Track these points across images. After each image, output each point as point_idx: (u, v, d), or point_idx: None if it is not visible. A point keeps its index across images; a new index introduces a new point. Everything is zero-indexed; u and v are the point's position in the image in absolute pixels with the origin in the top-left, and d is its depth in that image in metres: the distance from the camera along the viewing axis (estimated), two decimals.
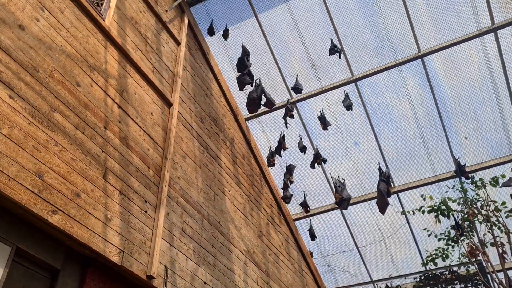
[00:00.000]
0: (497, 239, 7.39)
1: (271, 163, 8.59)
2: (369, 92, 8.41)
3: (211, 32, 7.89)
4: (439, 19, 7.64)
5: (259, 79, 7.60)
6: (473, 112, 8.23)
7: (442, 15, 7.58)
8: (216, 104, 7.71)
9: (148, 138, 5.33)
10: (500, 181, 8.33)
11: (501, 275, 7.76)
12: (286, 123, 7.98)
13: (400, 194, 9.23)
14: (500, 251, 7.21)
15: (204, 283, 5.56)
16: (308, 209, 8.90)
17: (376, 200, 7.85)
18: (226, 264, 6.27)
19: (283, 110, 8.20)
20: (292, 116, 7.93)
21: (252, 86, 7.50)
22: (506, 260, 7.27)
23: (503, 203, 8.23)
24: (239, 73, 7.50)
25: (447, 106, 8.22)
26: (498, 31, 7.52)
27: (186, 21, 7.37)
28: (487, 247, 8.02)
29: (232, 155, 7.74)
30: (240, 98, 8.51)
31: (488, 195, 7.84)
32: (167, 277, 4.78)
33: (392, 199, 9.00)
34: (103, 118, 4.61)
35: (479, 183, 8.36)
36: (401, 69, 8.09)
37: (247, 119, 8.82)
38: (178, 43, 6.89)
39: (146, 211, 4.85)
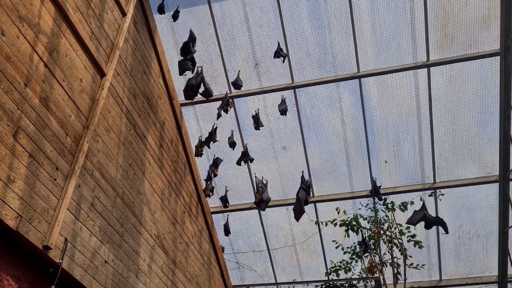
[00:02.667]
0: (395, 259, 7.87)
1: (199, 153, 8.54)
2: (305, 101, 8.63)
3: (161, 10, 7.70)
4: (381, 46, 8.00)
5: (201, 67, 7.52)
6: (396, 139, 8.70)
7: (385, 43, 7.95)
8: (153, 83, 7.54)
9: (72, 104, 5.10)
10: (409, 207, 8.90)
11: None
12: (219, 116, 7.98)
13: (317, 204, 9.55)
14: (395, 271, 7.70)
15: (105, 262, 5.41)
16: (227, 204, 8.95)
17: (293, 206, 8.07)
18: (132, 246, 6.15)
19: (220, 102, 8.19)
20: (226, 111, 7.93)
21: (193, 73, 7.42)
22: (399, 281, 7.76)
23: (408, 227, 8.79)
24: (182, 57, 7.38)
25: (374, 129, 8.63)
26: (431, 68, 8.01)
27: None
28: (386, 266, 8.53)
29: (160, 137, 7.60)
30: (179, 83, 8.38)
31: (394, 218, 8.32)
32: (65, 250, 4.60)
33: (309, 208, 9.30)
34: (25, 74, 4.35)
35: (389, 206, 8.87)
36: (339, 85, 8.37)
37: (182, 104, 8.70)
38: (124, 14, 6.65)
39: (55, 179, 4.64)
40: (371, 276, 8.25)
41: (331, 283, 9.82)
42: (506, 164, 8.26)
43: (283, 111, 8.15)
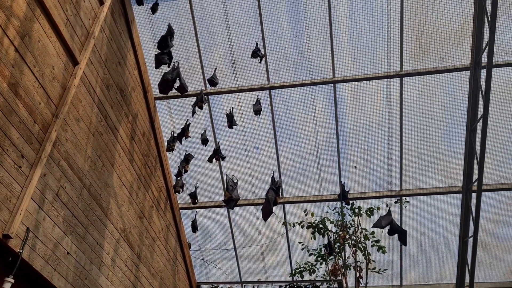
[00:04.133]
0: (358, 263, 8.03)
1: (171, 148, 8.47)
2: (280, 102, 8.69)
3: (140, 1, 7.59)
4: (357, 53, 8.14)
5: (178, 62, 7.46)
6: (366, 145, 8.86)
7: (361, 50, 8.09)
8: (127, 75, 7.44)
9: (42, 91, 4.99)
10: (375, 212, 9.09)
11: None
12: (193, 112, 7.94)
13: (286, 205, 9.63)
14: (358, 275, 7.85)
15: (68, 253, 5.33)
16: (196, 201, 8.91)
17: (262, 206, 8.12)
18: (96, 239, 6.07)
19: (195, 98, 8.15)
20: (201, 107, 7.90)
21: (169, 67, 7.36)
22: (360, 284, 7.92)
23: (372, 232, 8.98)
24: (159, 51, 7.31)
25: (345, 134, 8.76)
26: (403, 78, 8.19)
27: None
28: (349, 269, 8.68)
29: (132, 130, 7.52)
30: (154, 76, 8.30)
31: (360, 223, 8.48)
32: (26, 240, 4.51)
33: (277, 209, 9.38)
34: None
35: (356, 211, 9.03)
36: (313, 89, 8.47)
37: (156, 98, 8.63)
38: (101, 3, 6.54)
39: (20, 167, 4.53)
40: (334, 278, 8.38)
41: (295, 284, 9.93)
42: (469, 176, 8.52)
43: (257, 111, 8.17)
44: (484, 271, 9.75)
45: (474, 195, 8.32)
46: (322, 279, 9.57)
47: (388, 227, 7.74)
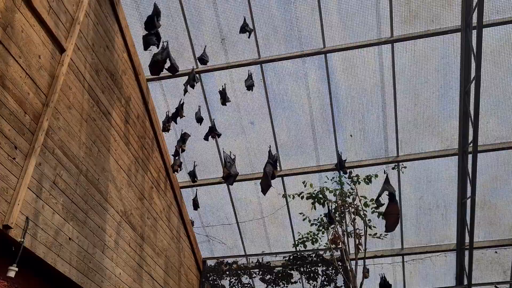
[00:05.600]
0: (357, 231, 8.17)
1: (166, 129, 8.51)
2: (272, 76, 8.66)
3: None
4: (346, 21, 8.05)
5: (167, 42, 7.42)
6: (361, 114, 8.87)
7: (350, 18, 8.00)
8: (117, 58, 7.41)
9: (30, 82, 5.00)
10: (373, 180, 9.16)
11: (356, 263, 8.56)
12: (185, 91, 7.94)
13: (284, 178, 9.72)
14: (357, 242, 8.00)
15: (69, 239, 5.44)
16: (196, 179, 9.02)
17: (260, 180, 8.21)
18: (98, 223, 6.19)
19: (187, 78, 8.13)
20: (193, 86, 7.90)
21: (158, 47, 7.32)
22: (360, 251, 8.07)
23: (372, 199, 9.08)
24: (147, 32, 7.26)
25: (339, 104, 8.77)
26: (394, 44, 8.13)
27: None
28: (351, 236, 8.82)
29: (125, 113, 7.54)
30: (145, 58, 8.25)
31: (357, 192, 8.57)
32: (27, 229, 4.61)
33: (276, 182, 9.48)
34: None
35: (354, 179, 9.11)
36: (305, 61, 8.43)
37: (148, 80, 8.61)
38: None
39: (14, 158, 4.59)
40: (335, 246, 8.54)
41: (298, 254, 10.13)
42: (465, 138, 8.55)
43: (250, 86, 8.17)
44: (484, 230, 9.90)
45: (470, 157, 8.37)
46: (324, 247, 9.74)
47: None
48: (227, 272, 10.27)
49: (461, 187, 9.13)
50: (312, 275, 9.98)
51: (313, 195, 9.28)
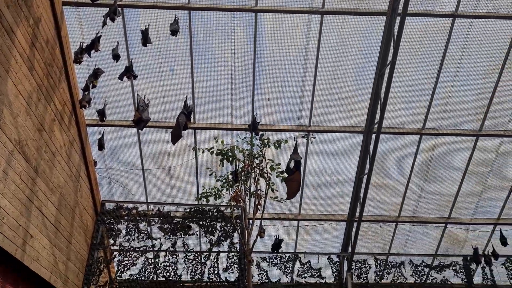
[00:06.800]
0: (259, 192, 8.41)
1: (78, 60, 7.93)
2: (199, 25, 8.39)
3: None
4: None
5: None
6: (281, 79, 8.97)
7: None
8: None
9: None
10: (283, 145, 9.40)
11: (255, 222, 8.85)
12: (104, 24, 7.41)
13: (197, 131, 9.64)
14: (257, 202, 8.25)
15: None
16: (104, 118, 8.60)
17: (172, 129, 8.06)
18: None
19: (108, 9, 7.57)
20: (113, 20, 7.39)
21: None
22: (258, 211, 8.35)
23: (278, 164, 9.34)
24: None
25: (262, 66, 8.77)
26: (324, 16, 8.22)
27: None
28: (252, 196, 9.05)
29: (33, 35, 6.88)
30: None
31: (265, 155, 8.75)
32: None
33: (188, 133, 9.39)
34: None
35: (265, 142, 9.28)
36: (234, 15, 8.25)
37: (64, 3, 7.91)
38: None
39: None
40: (235, 204, 8.73)
41: (200, 207, 10.23)
42: (372, 118, 9.03)
43: (174, 31, 7.82)
44: (373, 205, 10.73)
45: (374, 136, 8.88)
46: (226, 204, 9.92)
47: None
48: (125, 217, 10.10)
49: (361, 163, 9.72)
50: (210, 229, 10.16)
51: (223, 152, 9.33)
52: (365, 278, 10.65)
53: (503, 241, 10.35)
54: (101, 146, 9.15)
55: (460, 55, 8.68)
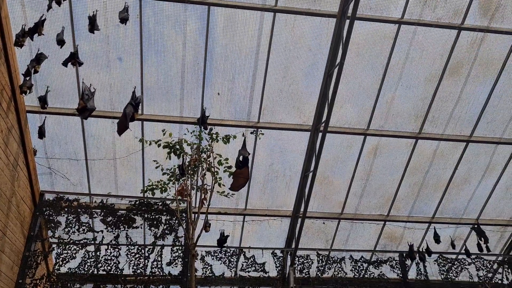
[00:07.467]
0: (205, 186, 8.40)
1: (19, 43, 7.55)
2: (150, 15, 8.22)
3: None
4: None
5: None
6: (232, 74, 8.98)
7: None
8: None
9: None
10: (231, 140, 9.41)
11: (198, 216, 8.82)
12: (49, 7, 7.11)
13: (144, 122, 9.46)
14: (203, 196, 8.24)
15: None
16: (46, 105, 8.26)
17: (118, 120, 7.87)
18: None
19: None
20: (59, 3, 7.10)
21: None
22: (203, 206, 8.34)
23: (226, 159, 9.36)
24: None
25: (213, 60, 8.74)
26: (277, 14, 8.32)
27: None
28: (198, 191, 9.01)
29: None
30: None
31: (212, 149, 8.74)
32: None
33: (135, 125, 9.21)
34: None
35: (214, 136, 9.26)
36: (187, 7, 8.15)
37: None
38: None
39: None
40: (180, 198, 8.66)
41: (145, 200, 10.06)
42: (319, 117, 9.26)
43: (124, 20, 7.62)
44: (318, 203, 11.01)
45: (320, 135, 9.10)
46: (172, 198, 9.82)
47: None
48: (66, 209, 9.74)
49: (307, 161, 9.94)
50: (155, 222, 10.02)
51: (171, 145, 9.22)
52: (307, 273, 10.90)
53: (437, 238, 10.95)
54: (41, 134, 8.78)
55: (404, 61, 9.07)
